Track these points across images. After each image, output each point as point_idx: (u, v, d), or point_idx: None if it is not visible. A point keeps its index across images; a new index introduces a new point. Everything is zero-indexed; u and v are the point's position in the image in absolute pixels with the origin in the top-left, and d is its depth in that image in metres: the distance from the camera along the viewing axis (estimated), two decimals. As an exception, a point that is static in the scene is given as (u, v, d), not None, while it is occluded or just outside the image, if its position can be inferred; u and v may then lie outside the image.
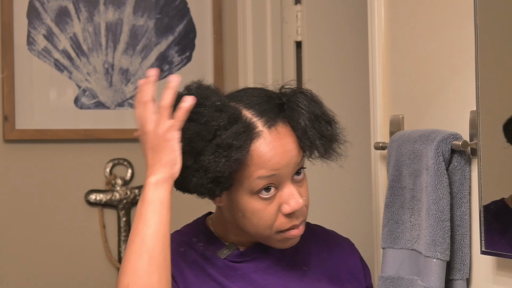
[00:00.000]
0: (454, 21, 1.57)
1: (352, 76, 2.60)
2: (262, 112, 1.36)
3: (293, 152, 1.35)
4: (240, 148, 1.30)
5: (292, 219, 1.36)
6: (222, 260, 1.41)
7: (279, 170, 1.33)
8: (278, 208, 1.35)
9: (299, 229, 1.38)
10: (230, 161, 1.29)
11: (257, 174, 1.32)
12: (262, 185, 1.33)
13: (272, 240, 1.38)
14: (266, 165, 1.32)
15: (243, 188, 1.34)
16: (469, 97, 1.47)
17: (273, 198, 1.35)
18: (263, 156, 1.33)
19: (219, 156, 1.29)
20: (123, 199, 2.64)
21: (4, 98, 2.51)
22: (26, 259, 2.54)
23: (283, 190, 1.35)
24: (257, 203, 1.34)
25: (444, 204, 1.47)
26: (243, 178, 1.33)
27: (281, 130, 1.36)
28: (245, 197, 1.35)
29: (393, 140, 1.65)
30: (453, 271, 1.50)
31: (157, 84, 1.44)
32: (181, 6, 2.72)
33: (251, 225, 1.37)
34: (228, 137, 1.29)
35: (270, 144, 1.34)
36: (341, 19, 2.63)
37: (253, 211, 1.35)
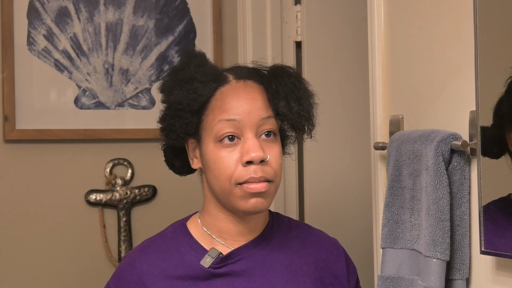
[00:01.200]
0: (454, 21, 1.57)
1: (352, 76, 2.60)
2: (238, 72, 1.45)
3: (257, 103, 1.39)
4: (202, 83, 1.37)
5: (251, 171, 1.36)
6: (206, 269, 1.41)
7: (239, 116, 1.37)
8: (240, 158, 1.37)
9: (258, 184, 1.36)
10: (190, 92, 1.36)
11: (219, 117, 1.37)
12: (224, 131, 1.37)
13: (234, 197, 1.38)
14: (227, 107, 1.37)
15: (209, 136, 1.38)
16: (469, 97, 1.47)
17: (235, 148, 1.38)
18: (226, 99, 1.38)
19: (182, 89, 1.37)
20: (123, 199, 2.64)
21: (4, 98, 2.51)
22: (26, 259, 2.54)
23: (246, 142, 1.37)
24: (219, 152, 1.37)
25: (444, 204, 1.47)
26: (209, 123, 1.38)
27: (250, 84, 1.43)
28: (210, 145, 1.39)
29: (393, 140, 1.65)
30: (453, 271, 1.50)
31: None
32: (181, 6, 2.72)
33: (215, 178, 1.39)
34: (193, 72, 1.39)
35: (235, 90, 1.40)
36: (341, 19, 2.63)
37: (216, 159, 1.38)
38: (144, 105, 2.67)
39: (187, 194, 2.69)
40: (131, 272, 1.44)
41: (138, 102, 2.67)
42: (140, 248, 1.49)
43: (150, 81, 2.68)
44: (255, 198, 1.37)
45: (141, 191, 2.66)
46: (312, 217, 2.59)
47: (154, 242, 1.49)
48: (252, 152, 1.36)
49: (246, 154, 1.36)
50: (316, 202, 2.62)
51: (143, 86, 2.68)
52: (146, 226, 2.66)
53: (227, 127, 1.36)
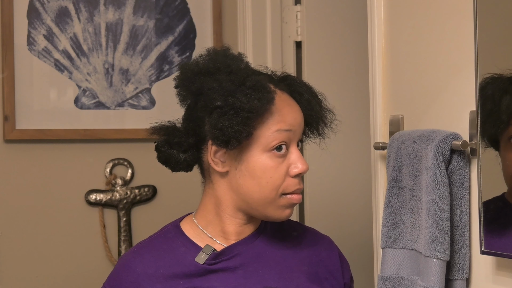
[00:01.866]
0: (454, 21, 1.57)
1: (352, 76, 2.60)
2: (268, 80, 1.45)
3: (301, 114, 1.44)
4: (270, 93, 1.38)
5: (297, 183, 1.41)
6: (201, 266, 1.42)
7: (294, 127, 1.41)
8: (287, 169, 1.40)
9: (299, 196, 1.43)
10: (262, 101, 1.35)
11: (276, 127, 1.38)
12: (279, 140, 1.38)
13: (274, 206, 1.41)
14: (285, 118, 1.39)
15: (258, 144, 1.39)
16: (469, 97, 1.47)
17: (283, 159, 1.40)
18: (282, 110, 1.40)
19: (252, 98, 1.35)
20: (123, 199, 2.64)
21: (4, 98, 2.51)
22: (26, 259, 2.54)
23: (291, 153, 1.41)
24: (270, 161, 1.39)
25: (444, 204, 1.47)
26: (260, 133, 1.38)
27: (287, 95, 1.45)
28: (258, 153, 1.39)
29: (393, 140, 1.65)
30: (453, 271, 1.50)
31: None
32: (181, 6, 2.72)
33: (259, 187, 1.39)
34: (261, 79, 1.38)
35: (286, 101, 1.42)
36: (341, 19, 2.63)
37: (265, 169, 1.39)
38: (144, 105, 2.67)
39: (187, 194, 2.68)
40: (126, 273, 1.45)
41: (138, 102, 2.67)
42: (134, 249, 1.50)
43: (150, 81, 2.68)
44: (290, 209, 1.43)
45: (141, 191, 2.66)
46: (312, 217, 2.59)
47: (148, 243, 1.50)
48: (299, 164, 1.41)
49: (295, 167, 1.40)
50: (316, 202, 2.62)
51: (143, 86, 2.68)
52: (146, 226, 2.66)
53: (282, 137, 1.39)
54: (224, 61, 1.41)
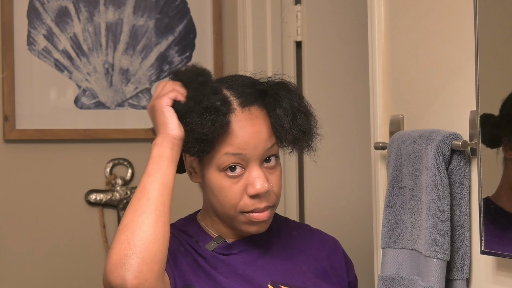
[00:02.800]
0: (454, 21, 1.57)
1: (352, 76, 2.60)
2: (240, 93, 1.41)
3: (263, 135, 1.39)
4: (225, 115, 1.35)
5: (256, 202, 1.39)
6: (210, 252, 1.44)
7: (245, 150, 1.37)
8: (244, 188, 1.39)
9: (262, 214, 1.40)
10: (216, 125, 1.34)
11: (224, 150, 1.37)
12: (228, 162, 1.37)
13: (237, 221, 1.42)
14: (233, 142, 1.37)
15: (212, 163, 1.38)
16: (469, 97, 1.47)
17: (240, 178, 1.39)
18: (232, 133, 1.37)
19: (205, 119, 1.34)
20: (123, 199, 2.64)
21: (4, 98, 2.51)
22: (26, 259, 2.54)
23: (250, 172, 1.39)
24: (223, 180, 1.39)
25: (444, 204, 1.47)
26: (213, 153, 1.38)
27: (255, 112, 1.40)
28: (214, 173, 1.39)
29: (393, 140, 1.65)
30: (453, 271, 1.50)
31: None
32: (181, 6, 2.72)
33: (218, 203, 1.41)
34: (217, 101, 1.35)
35: (240, 122, 1.38)
36: (341, 19, 2.63)
37: (220, 188, 1.39)
38: (144, 105, 2.67)
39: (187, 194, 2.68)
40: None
41: (138, 102, 2.67)
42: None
43: (150, 81, 2.68)
44: (258, 225, 1.42)
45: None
46: (312, 217, 2.59)
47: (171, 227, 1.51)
48: (257, 185, 1.38)
49: (251, 187, 1.38)
50: (316, 202, 2.62)
51: (143, 86, 2.68)
52: (146, 226, 2.66)
53: (232, 159, 1.37)
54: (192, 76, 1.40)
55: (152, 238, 1.27)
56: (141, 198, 1.31)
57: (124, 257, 1.25)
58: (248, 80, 1.46)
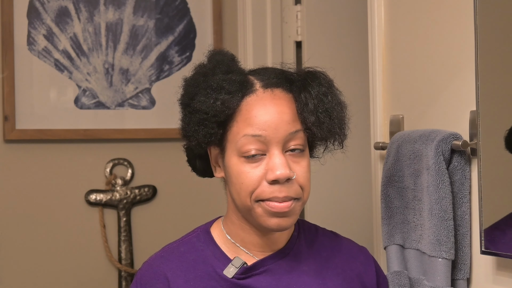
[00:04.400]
0: (454, 21, 1.57)
1: (352, 76, 2.60)
2: (265, 79, 1.35)
3: (285, 116, 1.31)
4: (230, 94, 1.29)
5: (275, 190, 1.29)
6: (230, 280, 1.34)
7: (265, 131, 1.29)
8: (264, 175, 1.30)
9: (281, 204, 1.29)
10: (217, 103, 1.28)
11: (244, 132, 1.29)
12: (249, 147, 1.29)
13: (255, 214, 1.31)
14: (253, 121, 1.29)
15: (232, 149, 1.31)
16: (469, 97, 1.47)
17: (260, 163, 1.30)
18: (251, 112, 1.30)
19: (209, 97, 1.29)
20: (123, 199, 2.64)
21: (4, 98, 2.51)
22: (26, 259, 2.54)
23: (272, 158, 1.29)
24: (242, 166, 1.30)
25: (447, 203, 1.47)
26: (233, 136, 1.31)
27: (278, 93, 1.33)
28: (234, 158, 1.31)
29: (393, 140, 1.65)
30: (454, 271, 1.50)
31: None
32: (181, 6, 2.72)
33: (236, 193, 1.32)
34: (220, 80, 1.31)
35: (261, 101, 1.31)
36: (341, 19, 2.63)
37: (238, 173, 1.30)
38: (144, 105, 2.67)
39: (187, 194, 2.69)
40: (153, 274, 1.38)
41: (138, 102, 2.67)
42: (162, 254, 1.41)
43: (150, 81, 2.68)
44: (277, 217, 1.31)
45: (141, 191, 2.66)
46: (312, 217, 2.59)
47: (177, 248, 1.42)
48: (277, 170, 1.28)
49: (271, 172, 1.28)
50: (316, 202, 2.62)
51: (143, 86, 2.68)
52: (146, 226, 2.66)
53: (252, 142, 1.29)
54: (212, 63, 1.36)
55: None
56: None
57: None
58: (278, 70, 1.39)
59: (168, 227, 2.67)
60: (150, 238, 2.66)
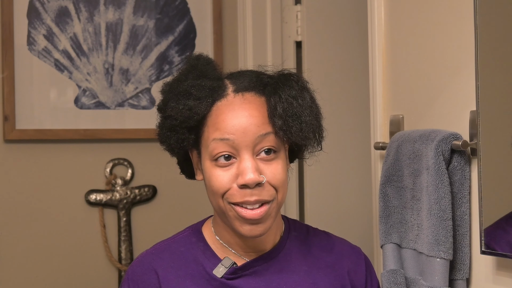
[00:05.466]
0: (454, 21, 1.57)
1: (352, 76, 2.60)
2: (238, 83, 1.36)
3: (253, 119, 1.30)
4: (198, 99, 1.31)
5: (246, 194, 1.29)
6: (219, 279, 1.35)
7: (233, 135, 1.29)
8: (234, 178, 1.30)
9: (254, 211, 1.29)
10: (185, 109, 1.31)
11: (213, 136, 1.30)
12: (218, 150, 1.30)
13: (229, 217, 1.32)
14: (221, 126, 1.30)
15: (205, 153, 1.33)
16: (469, 97, 1.47)
17: (231, 167, 1.30)
18: (220, 116, 1.31)
19: (178, 103, 1.32)
20: (123, 199, 2.64)
21: (4, 98, 2.51)
22: (26, 259, 2.54)
23: (242, 162, 1.29)
24: (214, 169, 1.31)
25: (446, 203, 1.47)
26: (204, 140, 1.33)
27: (249, 97, 1.33)
28: (207, 162, 1.33)
29: (393, 140, 1.65)
30: (454, 271, 1.50)
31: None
32: (181, 6, 2.72)
33: (211, 195, 1.33)
34: (189, 86, 1.33)
35: (230, 106, 1.32)
36: (341, 19, 2.63)
37: (210, 177, 1.32)
38: (144, 105, 2.67)
39: (187, 194, 2.69)
40: (144, 271, 1.39)
41: (138, 102, 2.67)
42: (153, 251, 1.42)
43: (150, 81, 2.68)
44: (250, 225, 1.31)
45: (141, 191, 2.66)
46: (312, 217, 2.59)
47: (168, 246, 1.43)
48: (246, 175, 1.28)
49: (241, 177, 1.29)
50: (316, 202, 2.62)
51: (143, 86, 2.68)
52: (146, 226, 2.66)
53: (221, 146, 1.29)
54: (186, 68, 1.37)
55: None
56: None
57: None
58: (254, 73, 1.39)
59: (168, 227, 2.66)
60: (150, 238, 2.65)
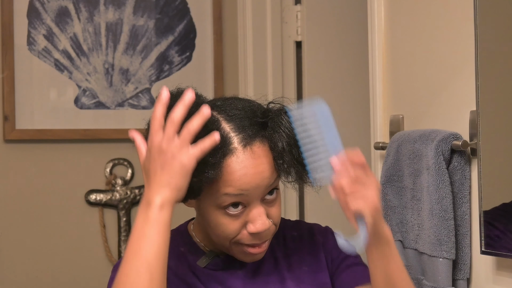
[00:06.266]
0: (454, 21, 1.57)
1: (352, 76, 2.60)
2: (241, 128, 1.32)
3: (265, 173, 1.31)
4: (214, 166, 1.27)
5: (255, 239, 1.34)
6: (201, 269, 1.39)
7: (247, 191, 1.30)
8: (244, 224, 1.33)
9: (260, 247, 1.35)
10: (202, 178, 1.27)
11: (224, 191, 1.30)
12: (228, 202, 1.31)
13: (232, 251, 1.36)
14: (234, 183, 1.29)
15: (211, 201, 1.32)
16: (469, 97, 1.47)
17: (240, 215, 1.32)
18: (233, 174, 1.29)
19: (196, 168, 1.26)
20: (123, 199, 2.64)
21: (4, 98, 2.51)
22: (26, 259, 2.54)
23: (251, 210, 1.32)
24: (222, 218, 1.32)
25: (447, 203, 1.47)
26: (211, 191, 1.31)
27: (257, 150, 1.32)
28: (211, 208, 1.33)
29: (393, 140, 1.65)
30: (454, 271, 1.50)
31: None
32: (181, 6, 2.72)
33: (214, 235, 1.35)
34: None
35: (242, 163, 1.30)
36: (341, 19, 2.63)
37: (217, 224, 1.33)
38: (144, 105, 2.67)
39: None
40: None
41: (138, 102, 2.67)
42: None
43: (150, 81, 2.68)
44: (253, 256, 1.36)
45: (141, 191, 2.66)
46: (312, 217, 2.59)
47: None
48: (257, 223, 1.31)
49: (252, 226, 1.31)
50: (316, 202, 2.62)
51: (143, 86, 2.68)
52: (146, 226, 2.66)
53: (232, 199, 1.30)
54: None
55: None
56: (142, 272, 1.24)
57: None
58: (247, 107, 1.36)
59: (168, 227, 2.66)
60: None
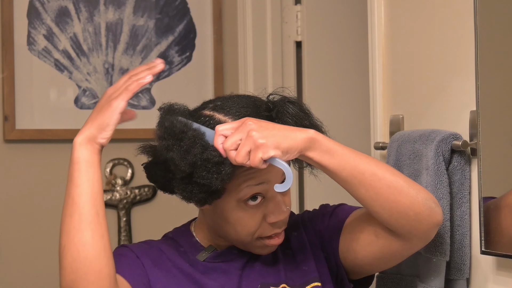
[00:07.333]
0: (454, 21, 1.57)
1: (352, 76, 2.60)
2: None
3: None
4: (230, 165, 1.29)
5: (275, 228, 1.37)
6: (201, 263, 1.41)
7: (267, 179, 1.34)
8: (263, 216, 1.36)
9: (279, 237, 1.39)
10: (222, 175, 1.28)
11: (246, 183, 1.33)
12: (250, 194, 1.34)
13: (251, 246, 1.39)
14: (255, 174, 1.33)
15: (231, 196, 1.34)
16: (469, 97, 1.47)
17: (259, 207, 1.35)
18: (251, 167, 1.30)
19: (211, 172, 1.28)
20: (123, 199, 2.64)
21: (4, 98, 2.51)
22: (26, 259, 2.54)
23: (270, 200, 1.36)
24: (242, 212, 1.35)
25: (444, 204, 1.47)
26: (231, 187, 1.33)
27: None
28: (231, 205, 1.35)
29: (393, 140, 1.65)
30: (454, 271, 1.50)
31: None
32: (181, 6, 2.72)
33: (234, 232, 1.37)
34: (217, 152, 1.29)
35: None
36: (341, 19, 2.63)
37: (238, 219, 1.36)
38: (144, 105, 2.67)
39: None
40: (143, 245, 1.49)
41: (138, 102, 2.67)
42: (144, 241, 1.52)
43: (150, 81, 2.68)
44: (272, 247, 1.40)
45: (141, 191, 2.66)
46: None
47: (157, 243, 1.52)
48: (278, 212, 1.35)
49: (273, 215, 1.35)
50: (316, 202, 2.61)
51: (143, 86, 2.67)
52: (146, 226, 2.66)
53: (254, 190, 1.34)
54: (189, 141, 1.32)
55: (93, 257, 1.27)
56: (73, 214, 1.30)
57: (71, 282, 1.25)
58: (251, 103, 1.38)
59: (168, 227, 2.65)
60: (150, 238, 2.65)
